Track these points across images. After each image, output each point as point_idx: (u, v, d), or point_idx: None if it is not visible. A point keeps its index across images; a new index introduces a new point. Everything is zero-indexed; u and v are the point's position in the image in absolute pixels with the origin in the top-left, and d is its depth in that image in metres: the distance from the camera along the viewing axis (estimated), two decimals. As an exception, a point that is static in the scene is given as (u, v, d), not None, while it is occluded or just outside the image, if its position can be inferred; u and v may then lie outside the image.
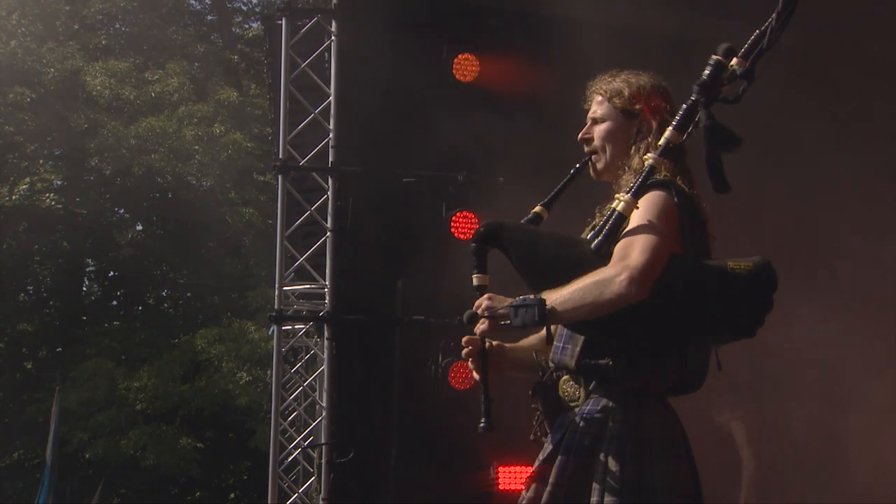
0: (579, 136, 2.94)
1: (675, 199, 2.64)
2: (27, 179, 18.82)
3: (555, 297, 2.57)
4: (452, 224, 7.04)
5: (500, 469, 6.85)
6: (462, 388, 6.76)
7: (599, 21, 6.65)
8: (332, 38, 7.37)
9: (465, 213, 7.07)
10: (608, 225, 2.60)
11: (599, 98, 2.90)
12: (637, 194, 2.62)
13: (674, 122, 2.66)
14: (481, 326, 2.72)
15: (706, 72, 2.62)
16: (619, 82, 2.88)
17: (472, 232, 6.89)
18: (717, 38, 2.69)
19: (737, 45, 2.66)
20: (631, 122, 2.83)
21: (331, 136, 7.36)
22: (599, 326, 2.60)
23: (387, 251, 7.32)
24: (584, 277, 2.55)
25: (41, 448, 15.05)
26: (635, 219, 2.60)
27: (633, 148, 2.81)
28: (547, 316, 2.56)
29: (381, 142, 7.32)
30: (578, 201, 2.97)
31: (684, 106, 2.67)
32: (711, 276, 2.56)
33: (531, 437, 2.82)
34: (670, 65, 3.21)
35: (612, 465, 2.58)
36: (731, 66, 2.62)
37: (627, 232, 2.59)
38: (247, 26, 23.02)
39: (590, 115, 2.92)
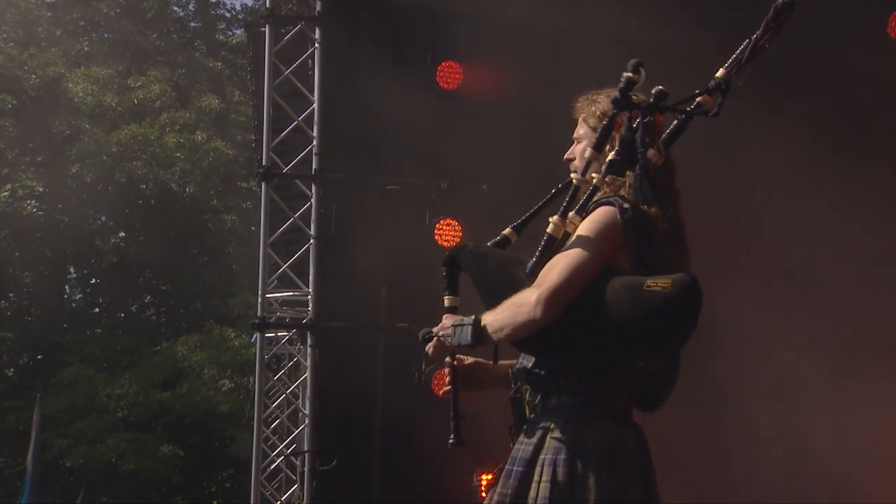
0: (565, 156, 2.97)
1: (620, 216, 2.64)
2: (8, 186, 18.73)
3: (487, 318, 2.68)
4: (436, 231, 7.05)
5: (483, 476, 6.85)
6: (445, 395, 6.76)
7: (584, 30, 6.68)
8: (316, 45, 7.37)
9: (448, 221, 7.08)
10: (540, 247, 2.67)
11: (581, 117, 2.94)
12: (563, 215, 2.68)
13: (593, 142, 2.74)
14: (429, 346, 2.85)
15: (618, 87, 2.66)
16: (597, 103, 2.88)
17: (457, 240, 6.99)
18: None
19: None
20: (605, 153, 2.80)
21: (314, 143, 7.36)
22: (530, 344, 2.70)
23: (370, 258, 7.31)
24: (508, 300, 2.64)
25: (22, 456, 14.94)
26: (574, 236, 2.66)
27: (608, 165, 2.79)
28: (481, 336, 2.68)
29: (365, 149, 7.33)
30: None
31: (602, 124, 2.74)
32: (626, 293, 2.56)
33: (511, 446, 2.83)
34: (662, 74, 3.22)
35: (546, 475, 2.63)
36: (716, 77, 2.65)
37: (561, 251, 2.64)
38: (230, 33, 23.01)
39: (573, 135, 2.95)
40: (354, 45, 7.19)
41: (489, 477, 6.84)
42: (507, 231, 2.95)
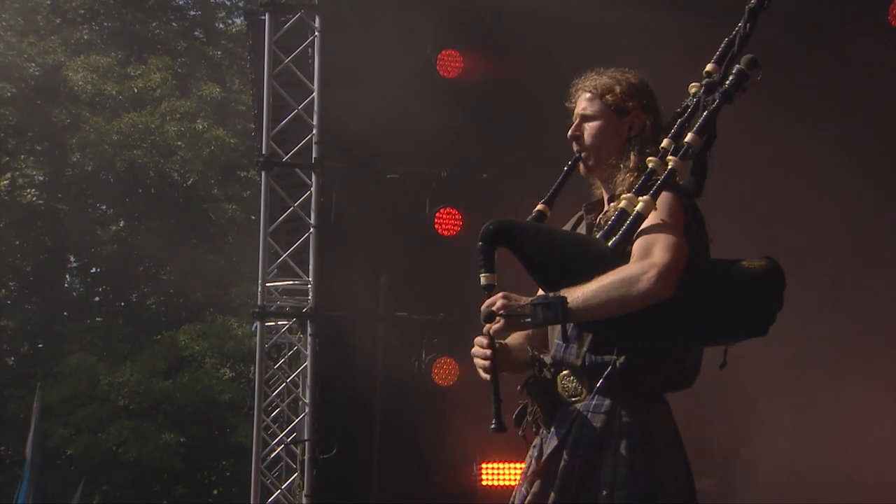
0: (569, 133, 2.90)
1: (682, 201, 2.65)
2: (8, 175, 18.72)
3: (577, 295, 2.55)
4: (436, 220, 7.04)
5: (483, 465, 6.86)
6: (445, 384, 6.78)
7: (584, 19, 6.66)
8: (316, 33, 7.35)
9: (448, 210, 7.07)
10: (626, 224, 2.59)
11: (589, 95, 2.86)
12: (655, 196, 2.61)
13: (695, 127, 2.67)
14: (496, 326, 2.68)
15: (730, 80, 2.66)
16: (609, 79, 2.85)
17: (457, 229, 6.99)
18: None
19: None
20: (623, 120, 2.81)
21: (314, 131, 7.35)
22: (619, 325, 2.60)
23: (370, 247, 7.32)
24: (608, 275, 2.54)
25: (22, 444, 14.96)
26: (649, 220, 2.60)
27: (627, 145, 2.79)
28: (569, 314, 2.56)
29: (365, 138, 7.32)
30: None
31: (705, 113, 2.68)
32: (728, 274, 2.58)
33: (520, 432, 2.80)
34: (646, 61, 3.21)
35: (623, 459, 2.60)
36: (706, 71, 2.69)
37: (643, 231, 2.59)
38: (230, 22, 22.94)
39: (578, 111, 2.88)
40: (354, 33, 7.17)
41: (490, 466, 6.86)
42: (540, 206, 2.91)
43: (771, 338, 2.65)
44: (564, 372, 2.74)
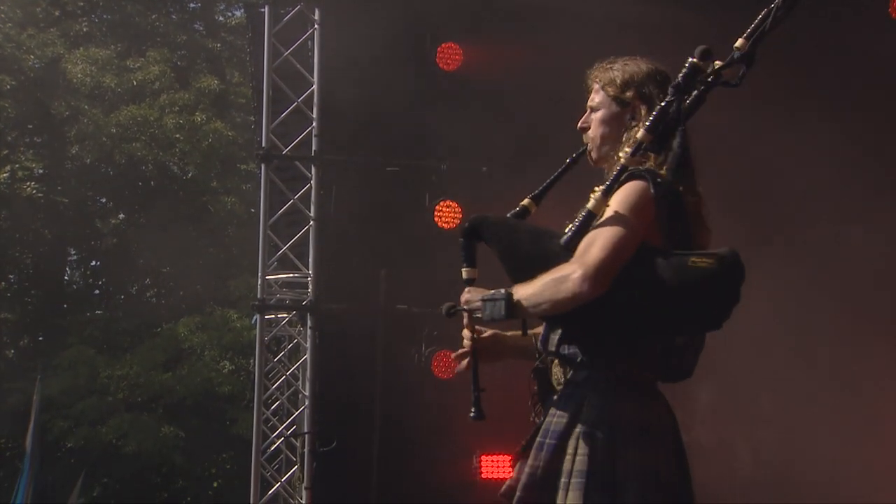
0: (578, 124, 2.93)
1: (653, 191, 2.61)
2: (8, 167, 18.71)
3: (521, 292, 2.62)
4: (436, 213, 7.04)
5: (483, 458, 6.86)
6: (445, 377, 6.78)
7: (585, 11, 6.65)
8: (316, 26, 7.34)
9: (448, 202, 7.07)
10: (578, 221, 2.60)
11: (596, 86, 2.90)
12: (607, 193, 2.61)
13: (646, 123, 2.64)
14: (465, 320, 2.80)
15: (681, 73, 2.60)
16: (614, 70, 2.87)
17: (457, 222, 6.99)
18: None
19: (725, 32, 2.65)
20: (624, 110, 2.82)
21: (314, 124, 7.34)
22: (565, 318, 2.65)
23: (370, 240, 7.31)
24: (546, 274, 2.58)
25: (22, 437, 14.97)
26: (607, 211, 2.60)
27: (626, 136, 2.80)
28: (514, 310, 2.63)
29: (365, 131, 7.31)
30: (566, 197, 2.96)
31: (656, 110, 2.64)
32: (672, 269, 2.54)
33: (531, 418, 2.81)
34: (658, 53, 3.20)
35: (583, 448, 2.62)
36: (735, 47, 2.59)
37: (596, 226, 2.59)
38: (230, 14, 22.92)
39: (588, 103, 2.91)
40: (354, 26, 7.16)
41: (490, 458, 6.87)
42: (526, 201, 2.92)
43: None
44: (555, 360, 2.78)
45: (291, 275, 8.12)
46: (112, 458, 17.42)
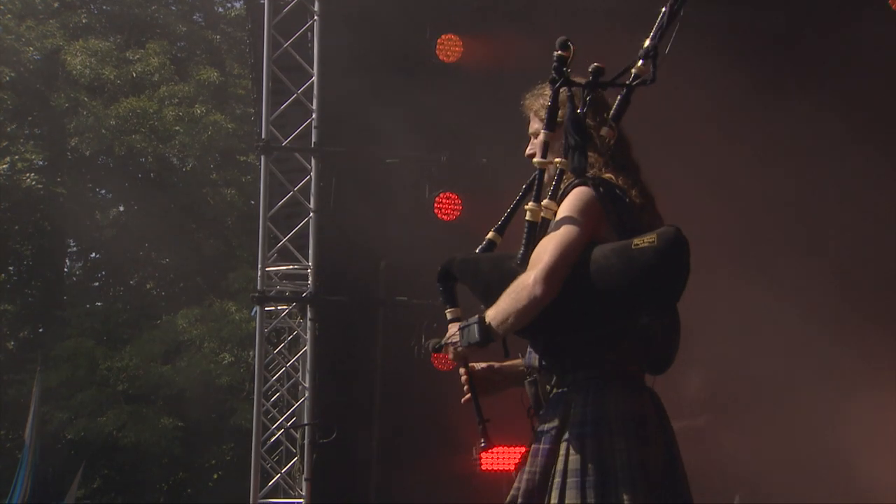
0: (525, 153, 3.06)
1: (595, 192, 2.78)
2: (7, 159, 18.69)
3: (490, 313, 2.77)
4: (436, 205, 7.04)
5: (483, 451, 6.87)
6: (445, 369, 6.78)
7: (585, 3, 6.65)
8: (315, 17, 7.33)
9: (448, 194, 7.07)
10: (524, 235, 2.79)
11: (531, 115, 3.05)
12: (552, 197, 2.81)
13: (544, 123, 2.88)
14: (449, 355, 2.95)
15: (553, 66, 2.84)
16: (541, 96, 3.02)
17: (457, 214, 6.99)
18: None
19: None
20: (558, 132, 2.92)
21: (314, 116, 7.34)
22: (534, 328, 2.76)
23: (370, 232, 7.31)
24: (507, 290, 2.73)
25: (22, 428, 15.00)
26: (555, 219, 2.77)
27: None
28: (486, 331, 2.77)
29: (365, 122, 7.31)
30: None
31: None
32: (617, 255, 2.68)
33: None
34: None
35: (574, 447, 2.72)
36: (643, 47, 2.86)
37: (546, 236, 2.75)
38: (229, 6, 22.86)
39: (529, 131, 3.06)
40: (353, 18, 7.16)
41: (489, 451, 6.88)
42: (490, 235, 3.06)
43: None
44: (543, 373, 2.90)
45: (291, 266, 8.12)
46: (112, 450, 17.44)
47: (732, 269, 6.49)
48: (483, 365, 3.06)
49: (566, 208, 2.77)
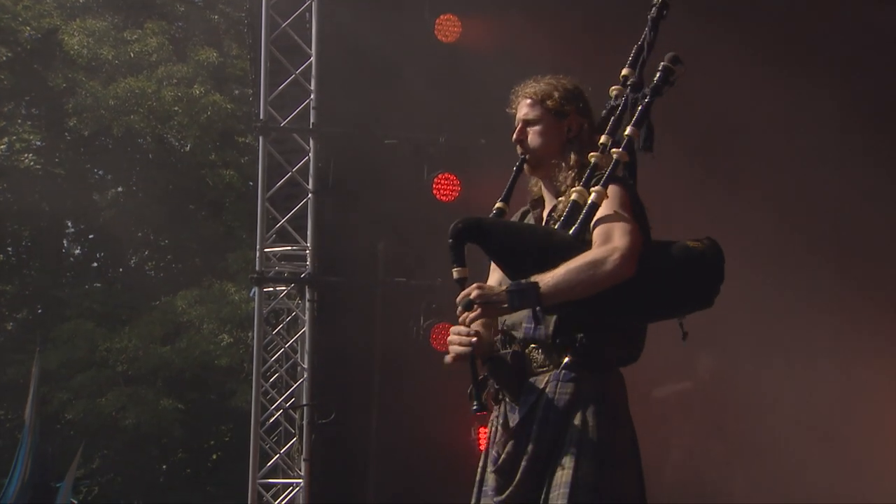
0: (514, 138, 3.12)
1: (628, 191, 2.90)
2: (5, 139, 18.66)
3: (547, 280, 2.76)
4: (434, 186, 7.03)
5: (482, 429, 6.88)
6: (443, 349, 6.78)
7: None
8: (314, -3, 7.31)
9: (446, 175, 7.06)
10: (582, 214, 2.83)
11: (530, 101, 3.11)
12: (606, 185, 2.87)
13: (633, 121, 2.95)
14: (473, 314, 2.88)
15: (657, 76, 2.95)
16: (548, 85, 3.11)
17: (455, 194, 6.98)
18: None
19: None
20: (562, 122, 3.06)
21: (312, 96, 7.33)
22: (585, 305, 2.80)
23: (368, 213, 7.31)
24: (574, 260, 2.76)
25: (22, 409, 15.03)
26: (603, 209, 2.84)
27: (567, 146, 3.04)
28: (542, 297, 2.76)
29: (363, 103, 7.29)
30: None
31: (639, 108, 2.97)
32: (677, 254, 2.85)
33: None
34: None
35: (586, 422, 2.83)
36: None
37: (600, 219, 2.83)
38: (227, -14, 22.78)
39: (521, 116, 3.11)
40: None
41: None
42: (499, 204, 3.13)
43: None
44: (532, 346, 2.95)
45: (290, 247, 8.12)
46: (111, 431, 17.48)
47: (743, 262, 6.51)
48: (477, 326, 3.03)
49: (613, 202, 2.85)
